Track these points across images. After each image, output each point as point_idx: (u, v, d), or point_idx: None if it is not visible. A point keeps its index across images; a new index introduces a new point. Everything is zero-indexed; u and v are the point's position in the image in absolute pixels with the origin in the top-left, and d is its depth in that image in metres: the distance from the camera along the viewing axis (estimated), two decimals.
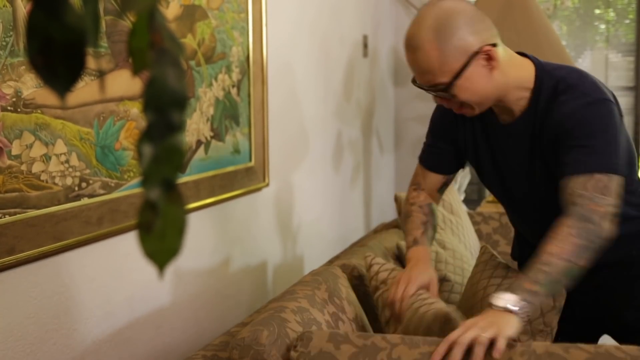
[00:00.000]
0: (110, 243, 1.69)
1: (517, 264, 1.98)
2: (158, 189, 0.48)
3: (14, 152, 1.40)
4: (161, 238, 0.48)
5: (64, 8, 0.47)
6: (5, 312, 1.41)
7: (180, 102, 0.49)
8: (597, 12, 3.70)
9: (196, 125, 2.01)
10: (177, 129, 0.48)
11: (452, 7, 1.53)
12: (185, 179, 1.97)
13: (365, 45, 3.49)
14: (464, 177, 3.50)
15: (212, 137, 2.09)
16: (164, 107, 0.48)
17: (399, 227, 2.62)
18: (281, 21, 2.53)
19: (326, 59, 2.99)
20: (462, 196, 3.51)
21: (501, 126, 1.67)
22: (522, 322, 1.37)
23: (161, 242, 0.49)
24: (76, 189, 1.57)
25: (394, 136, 3.97)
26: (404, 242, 2.35)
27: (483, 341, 1.30)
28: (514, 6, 2.88)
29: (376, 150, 3.71)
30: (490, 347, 1.31)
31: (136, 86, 1.72)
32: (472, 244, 2.65)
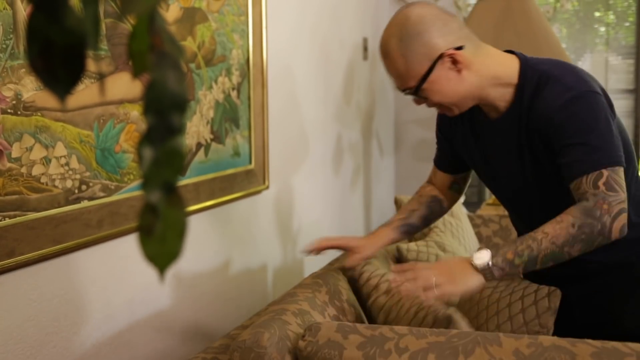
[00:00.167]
0: (110, 246, 1.69)
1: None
2: (158, 192, 0.48)
3: (14, 154, 1.40)
4: (162, 241, 0.48)
5: (64, 11, 0.47)
6: (5, 314, 1.41)
7: (181, 105, 0.49)
8: (597, 15, 3.70)
9: (196, 128, 2.01)
10: (178, 131, 0.48)
11: (416, 14, 1.58)
12: (185, 181, 1.97)
13: (365, 48, 3.49)
14: None
15: (212, 140, 2.09)
16: (164, 110, 0.48)
17: None
18: (281, 24, 2.54)
19: (326, 62, 2.99)
20: (462, 199, 3.51)
21: (489, 122, 1.70)
22: (481, 281, 1.51)
23: (162, 245, 0.49)
24: (76, 191, 1.57)
25: (394, 139, 3.97)
26: (404, 244, 2.35)
27: (429, 286, 1.50)
28: (513, 9, 2.88)
29: (376, 153, 3.71)
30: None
31: (136, 89, 1.72)
32: (472, 247, 2.65)
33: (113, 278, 1.71)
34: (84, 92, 1.57)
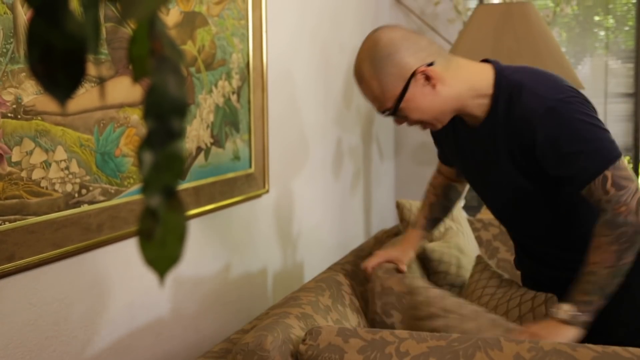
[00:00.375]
0: (110, 250, 1.69)
1: (520, 273, 1.98)
2: (158, 196, 0.48)
3: (14, 158, 1.40)
4: (162, 245, 0.48)
5: (65, 16, 0.47)
6: (5, 319, 1.41)
7: (181, 110, 0.49)
8: (597, 19, 3.71)
9: (196, 132, 2.01)
10: (178, 136, 0.48)
11: (384, 37, 1.61)
12: (185, 185, 1.97)
13: None
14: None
15: (212, 144, 2.09)
16: (164, 115, 0.48)
17: (400, 234, 2.61)
18: (281, 28, 2.54)
19: (326, 66, 3.00)
20: (462, 203, 3.51)
21: (470, 132, 1.73)
22: (578, 330, 1.54)
23: (162, 249, 0.49)
24: (76, 195, 1.56)
25: (393, 143, 3.97)
26: (428, 245, 2.35)
27: None
28: (513, 13, 2.88)
29: (376, 157, 3.71)
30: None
31: (136, 93, 1.73)
32: (472, 251, 2.64)
33: (113, 282, 1.71)
34: (84, 96, 1.57)
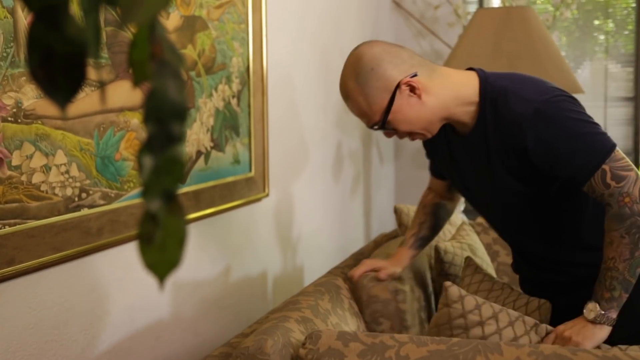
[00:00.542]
0: (110, 254, 1.69)
1: (518, 277, 1.98)
2: (158, 200, 0.48)
3: (14, 162, 1.40)
4: (161, 249, 0.48)
5: (65, 20, 0.47)
6: (5, 322, 1.41)
7: (181, 114, 0.49)
8: (597, 23, 3.71)
9: (196, 136, 2.01)
10: (178, 140, 0.48)
11: (366, 52, 1.65)
12: (185, 189, 1.97)
13: None
14: None
15: (212, 148, 2.09)
16: (164, 119, 0.48)
17: (399, 238, 2.61)
18: (281, 32, 2.54)
19: (326, 70, 3.00)
20: (462, 206, 3.51)
21: (460, 138, 1.74)
22: (608, 328, 1.58)
23: (161, 253, 0.49)
24: (76, 199, 1.57)
25: (394, 147, 3.97)
26: (441, 245, 2.35)
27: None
28: (513, 17, 2.89)
29: (376, 161, 3.71)
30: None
31: (136, 97, 1.73)
32: (482, 253, 2.64)
33: (113, 286, 1.71)
34: (85, 100, 1.57)
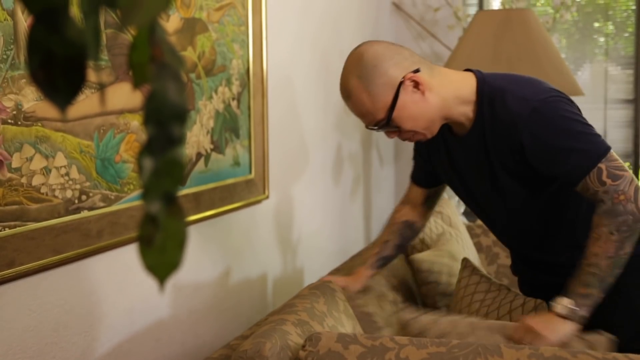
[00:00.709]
0: (110, 256, 1.69)
1: (517, 279, 1.98)
2: (158, 202, 0.48)
3: (14, 164, 1.40)
4: (162, 251, 0.48)
5: (65, 22, 0.47)
6: (5, 325, 1.41)
7: (181, 116, 0.49)
8: (597, 25, 3.71)
9: (196, 138, 2.01)
10: (178, 142, 0.49)
11: (367, 50, 1.65)
12: (185, 191, 1.97)
13: None
14: None
15: (212, 150, 2.09)
16: (164, 121, 0.48)
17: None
18: (281, 34, 2.54)
19: (326, 72, 3.00)
20: (462, 208, 3.51)
21: (458, 140, 1.74)
22: (577, 325, 1.54)
23: (162, 255, 0.49)
24: (76, 201, 1.57)
25: (394, 149, 3.97)
26: (416, 256, 2.35)
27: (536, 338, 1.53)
28: (513, 20, 2.89)
29: (376, 163, 3.71)
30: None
31: (136, 99, 1.73)
32: (471, 257, 2.64)
33: (113, 288, 1.71)
34: (85, 102, 1.57)
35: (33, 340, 1.47)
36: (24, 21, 1.39)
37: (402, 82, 1.61)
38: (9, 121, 1.38)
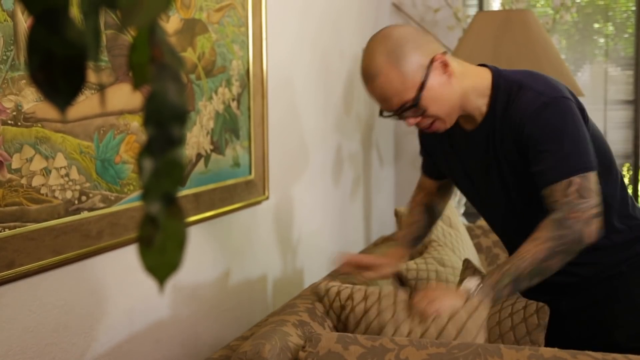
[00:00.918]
0: (110, 256, 1.69)
1: None
2: (158, 203, 0.48)
3: (14, 165, 1.40)
4: (161, 252, 0.48)
5: (65, 23, 0.47)
6: (5, 325, 1.41)
7: (181, 117, 0.49)
8: (596, 26, 3.72)
9: (196, 139, 2.01)
10: (178, 143, 0.49)
11: (394, 31, 1.61)
12: (185, 192, 1.97)
13: None
14: None
15: (212, 151, 2.09)
16: (164, 122, 0.48)
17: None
18: (281, 35, 2.54)
19: (326, 73, 3.00)
20: (462, 209, 3.51)
21: (466, 135, 1.72)
22: (464, 302, 1.55)
23: (161, 256, 0.49)
24: (76, 202, 1.57)
25: (393, 149, 3.98)
26: (404, 264, 2.34)
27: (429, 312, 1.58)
28: (513, 20, 2.89)
29: (376, 163, 3.71)
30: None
31: (136, 99, 1.73)
32: (470, 258, 2.64)
33: (113, 289, 1.71)
34: (84, 103, 1.57)
35: (33, 341, 1.47)
36: (24, 22, 1.40)
37: (431, 62, 1.58)
38: (9, 122, 1.38)
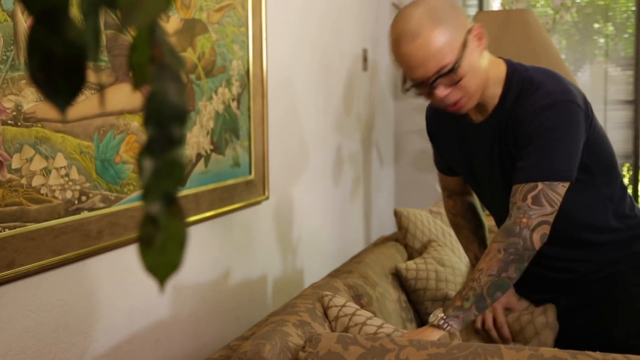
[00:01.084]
0: (110, 256, 1.69)
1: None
2: (159, 203, 0.48)
3: (14, 165, 1.40)
4: (162, 252, 0.48)
5: (65, 23, 0.47)
6: (5, 325, 1.41)
7: (181, 117, 0.49)
8: (596, 27, 3.72)
9: (196, 139, 2.01)
10: (178, 143, 0.48)
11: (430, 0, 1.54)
12: (185, 192, 1.97)
13: (365, 59, 3.50)
14: None
15: (212, 151, 2.09)
16: (164, 122, 0.48)
17: (399, 240, 2.61)
18: (281, 35, 2.54)
19: (326, 73, 3.00)
20: None
21: (473, 126, 1.70)
22: (439, 331, 1.53)
23: (162, 256, 0.49)
24: (76, 202, 1.57)
25: (393, 149, 3.98)
26: (403, 264, 2.33)
27: None
28: (513, 20, 2.89)
29: (376, 163, 3.71)
30: None
31: (136, 99, 1.73)
32: (458, 263, 2.63)
33: (113, 289, 1.71)
34: (84, 103, 1.57)
35: (33, 341, 1.47)
36: (24, 22, 1.39)
37: (470, 30, 1.54)
38: (9, 122, 1.38)
